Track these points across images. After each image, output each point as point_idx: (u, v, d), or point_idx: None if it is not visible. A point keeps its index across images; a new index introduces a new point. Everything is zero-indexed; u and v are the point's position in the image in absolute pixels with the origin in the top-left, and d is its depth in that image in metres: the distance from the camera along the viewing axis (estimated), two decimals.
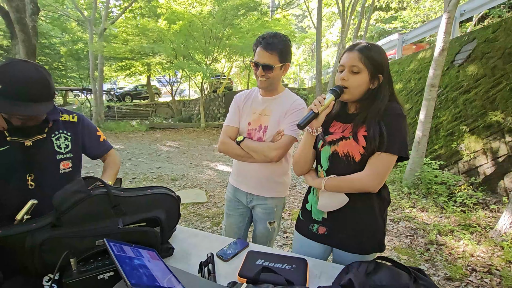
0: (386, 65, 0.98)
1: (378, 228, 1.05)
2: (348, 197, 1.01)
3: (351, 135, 0.98)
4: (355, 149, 0.97)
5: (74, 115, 1.25)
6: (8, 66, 0.97)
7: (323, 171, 1.07)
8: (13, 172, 1.08)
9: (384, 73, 0.98)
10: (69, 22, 14.09)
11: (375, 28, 18.72)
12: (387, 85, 0.99)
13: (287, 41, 1.27)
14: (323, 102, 0.95)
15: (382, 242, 1.07)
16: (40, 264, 0.87)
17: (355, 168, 0.98)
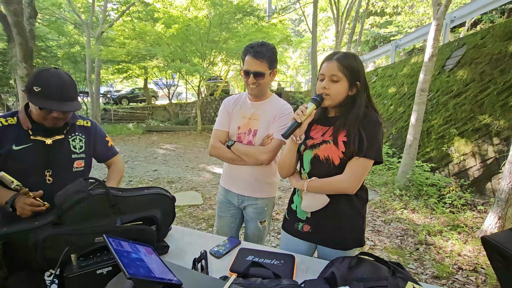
0: (363, 72, 1.06)
1: (358, 226, 1.12)
2: (329, 197, 1.08)
3: (331, 139, 1.06)
4: (335, 153, 1.04)
5: (88, 121, 1.37)
6: (42, 72, 1.12)
7: (305, 173, 1.14)
8: (33, 167, 1.19)
9: (361, 80, 1.05)
10: (66, 25, 14.10)
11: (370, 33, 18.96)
12: (364, 91, 1.07)
13: (274, 49, 1.35)
14: (305, 111, 1.02)
15: (362, 238, 1.14)
16: (42, 260, 0.93)
17: (334, 171, 1.05)
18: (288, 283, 0.87)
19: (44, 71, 1.13)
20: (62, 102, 1.12)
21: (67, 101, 1.13)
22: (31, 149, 1.19)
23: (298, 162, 1.21)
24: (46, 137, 1.21)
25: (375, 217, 3.27)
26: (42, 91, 1.09)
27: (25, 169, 1.18)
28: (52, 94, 1.10)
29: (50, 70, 1.14)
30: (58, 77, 1.12)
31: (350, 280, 0.93)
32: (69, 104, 1.14)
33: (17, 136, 1.18)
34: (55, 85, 1.11)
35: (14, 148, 1.17)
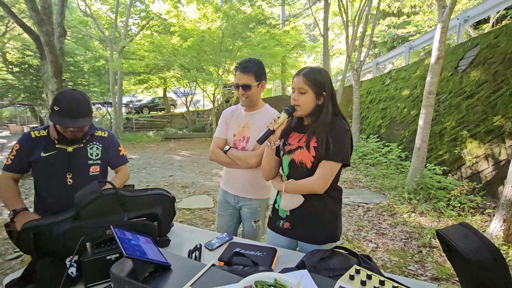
0: (328, 84, 1.20)
1: (331, 223, 1.24)
2: (304, 197, 1.21)
3: (304, 145, 1.20)
4: (307, 158, 1.18)
5: (106, 132, 1.61)
6: (61, 93, 1.36)
7: (284, 176, 1.28)
8: (57, 171, 1.42)
9: (327, 91, 1.19)
10: (92, 41, 15.12)
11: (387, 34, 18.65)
12: (330, 101, 1.20)
13: (260, 63, 1.52)
14: (278, 120, 1.17)
15: (336, 234, 1.25)
16: (64, 248, 1.13)
17: (308, 173, 1.18)
18: (263, 269, 1.02)
19: (62, 92, 1.36)
20: (74, 118, 1.34)
21: (78, 117, 1.35)
22: (56, 155, 1.43)
23: (280, 166, 1.35)
24: (68, 146, 1.45)
25: (381, 220, 3.30)
26: (59, 110, 1.32)
27: (50, 172, 1.42)
28: (66, 112, 1.32)
29: (67, 91, 1.37)
30: (72, 98, 1.34)
31: (321, 270, 1.06)
32: (80, 121, 1.36)
33: (45, 145, 1.43)
34: (69, 105, 1.33)
35: (42, 155, 1.41)
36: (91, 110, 1.46)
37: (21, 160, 1.41)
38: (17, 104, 15.76)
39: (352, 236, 2.94)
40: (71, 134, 1.42)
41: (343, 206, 3.78)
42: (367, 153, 6.46)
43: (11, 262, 2.54)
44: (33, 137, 1.43)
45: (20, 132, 17.49)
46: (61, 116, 1.33)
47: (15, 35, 14.38)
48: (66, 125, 1.34)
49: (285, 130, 1.34)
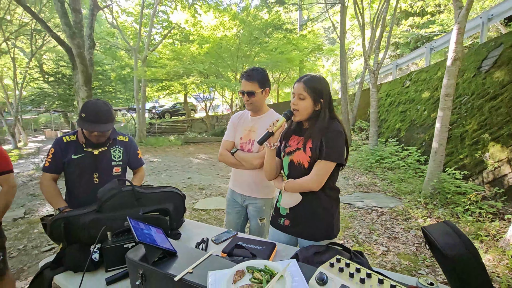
0: (326, 91, 1.28)
1: (327, 221, 1.31)
2: (302, 196, 1.30)
3: (302, 146, 1.29)
4: (304, 158, 1.27)
5: (126, 136, 1.81)
6: (88, 102, 1.58)
7: (285, 176, 1.38)
8: (85, 171, 1.63)
9: (324, 98, 1.27)
10: (118, 51, 16.02)
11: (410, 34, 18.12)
12: (327, 107, 1.28)
13: (263, 72, 1.63)
14: (277, 123, 1.27)
15: (332, 232, 1.32)
16: (88, 236, 1.30)
17: (305, 173, 1.27)
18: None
19: (89, 101, 1.58)
20: (98, 124, 1.53)
21: (101, 123, 1.54)
22: (84, 157, 1.62)
23: (281, 167, 1.45)
24: (94, 149, 1.65)
25: (394, 225, 3.26)
26: (85, 116, 1.52)
27: (79, 172, 1.62)
28: (91, 119, 1.52)
29: (93, 100, 1.58)
30: (96, 106, 1.54)
31: (313, 263, 1.14)
32: (103, 126, 1.55)
33: (75, 148, 1.62)
34: (94, 112, 1.52)
35: (73, 157, 1.61)
36: (113, 117, 1.65)
37: (56, 162, 1.62)
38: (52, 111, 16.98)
39: (363, 239, 2.94)
40: (95, 138, 1.61)
41: (356, 209, 3.78)
42: (384, 157, 6.33)
43: (45, 254, 2.82)
44: (65, 142, 1.64)
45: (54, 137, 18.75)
46: (87, 122, 1.52)
47: (51, 47, 15.55)
48: (91, 130, 1.53)
49: (286, 133, 1.44)
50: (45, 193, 1.60)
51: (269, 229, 1.54)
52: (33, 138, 18.30)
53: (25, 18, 13.70)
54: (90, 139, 1.62)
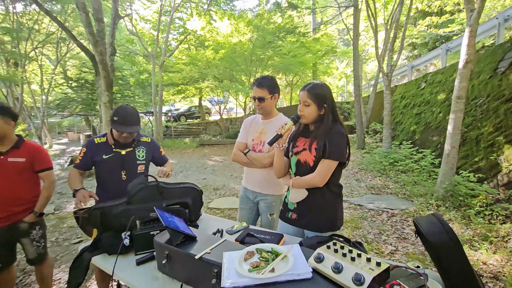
0: (329, 97, 1.42)
1: (331, 214, 1.44)
2: (308, 192, 1.44)
3: (308, 147, 1.43)
4: (310, 158, 1.41)
5: (149, 138, 2.02)
6: (119, 108, 1.79)
7: (292, 173, 1.52)
8: (114, 169, 1.84)
9: (327, 103, 1.41)
10: (136, 57, 16.68)
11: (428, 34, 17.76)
12: (330, 111, 1.42)
13: (273, 79, 1.80)
14: (285, 127, 1.43)
15: (335, 224, 1.44)
16: (120, 224, 1.49)
17: (310, 171, 1.41)
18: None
19: (120, 106, 1.79)
20: (128, 126, 1.75)
21: (131, 125, 1.76)
22: (113, 157, 1.84)
23: (289, 166, 1.60)
24: (122, 149, 1.86)
25: (404, 226, 3.31)
26: (118, 120, 1.74)
27: (110, 170, 1.83)
28: (122, 121, 1.74)
29: (122, 106, 1.79)
30: (125, 111, 1.76)
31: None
32: (132, 128, 1.78)
33: (105, 149, 1.84)
34: (125, 116, 1.74)
35: (103, 157, 1.83)
36: (140, 120, 1.86)
37: (86, 160, 1.84)
38: (75, 114, 17.85)
39: (372, 239, 3.02)
40: (124, 139, 1.82)
41: (366, 211, 3.85)
42: (398, 160, 6.30)
43: (75, 245, 3.08)
44: (96, 143, 1.86)
45: (77, 139, 19.70)
46: (119, 124, 1.74)
47: (74, 54, 16.40)
48: (123, 131, 1.74)
49: (294, 135, 1.59)
50: (69, 179, 1.78)
51: (278, 223, 1.68)
52: (57, 140, 19.31)
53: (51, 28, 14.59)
54: (119, 140, 1.83)
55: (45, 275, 2.02)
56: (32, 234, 1.88)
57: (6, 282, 1.94)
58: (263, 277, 0.88)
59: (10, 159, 1.81)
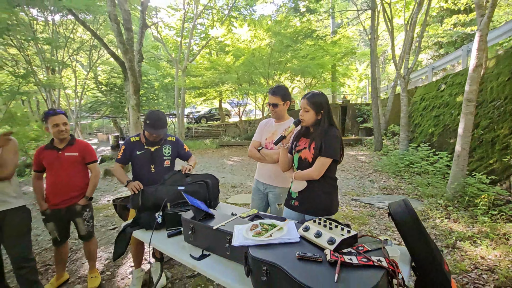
0: (325, 104, 1.69)
1: (326, 202, 1.70)
2: (307, 183, 1.72)
3: (307, 146, 1.72)
4: (309, 155, 1.70)
5: (174, 137, 2.38)
6: (151, 113, 2.15)
7: (295, 168, 1.81)
8: (146, 163, 2.20)
9: (324, 109, 1.69)
10: (161, 62, 17.58)
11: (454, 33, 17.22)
12: (326, 116, 1.69)
13: (286, 89, 2.11)
14: (288, 129, 1.72)
15: (330, 210, 1.71)
16: (155, 205, 1.86)
17: (309, 166, 1.69)
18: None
19: (151, 112, 2.15)
20: (157, 129, 2.10)
21: (160, 128, 2.12)
22: (145, 153, 2.21)
23: (292, 162, 1.89)
24: (152, 147, 2.23)
25: None
26: (149, 123, 2.10)
27: (142, 163, 2.20)
28: (153, 124, 2.10)
29: (153, 111, 2.15)
30: (156, 115, 2.12)
31: None
32: (160, 130, 2.13)
33: (139, 146, 2.22)
34: (155, 120, 2.10)
35: (137, 153, 2.21)
36: (167, 123, 2.24)
37: (125, 156, 2.23)
38: (105, 116, 19.08)
39: (377, 234, 3.21)
40: (153, 138, 2.20)
41: (376, 209, 4.03)
42: (414, 162, 6.34)
43: (110, 231, 3.55)
44: (132, 141, 2.25)
45: (106, 140, 21.02)
46: (150, 127, 2.11)
47: (104, 60, 17.59)
48: (152, 133, 2.12)
49: (297, 135, 1.88)
50: (116, 174, 2.18)
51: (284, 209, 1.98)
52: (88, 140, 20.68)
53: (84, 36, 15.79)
54: (150, 139, 2.21)
55: (92, 250, 2.45)
56: (83, 214, 2.32)
57: (61, 254, 2.39)
58: (262, 240, 1.19)
59: (66, 154, 2.25)
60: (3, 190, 1.90)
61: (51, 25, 13.98)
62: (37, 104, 20.98)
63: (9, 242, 1.90)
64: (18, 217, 1.95)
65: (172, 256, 1.55)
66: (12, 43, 11.76)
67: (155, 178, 2.12)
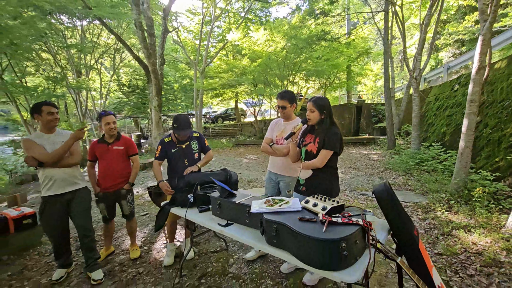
0: (327, 106, 2.07)
1: (327, 187, 2.08)
2: (313, 171, 2.11)
3: (312, 141, 2.11)
4: (314, 148, 2.08)
5: (198, 133, 2.81)
6: (178, 116, 2.60)
7: (303, 159, 2.21)
8: (179, 158, 2.67)
9: (326, 110, 2.07)
10: (179, 64, 18.33)
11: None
12: (328, 116, 2.07)
13: (292, 93, 2.50)
14: (296, 127, 2.12)
15: (331, 193, 2.08)
16: (187, 187, 2.32)
17: (314, 157, 2.08)
18: None
19: (178, 116, 2.60)
20: (182, 130, 2.55)
21: (185, 129, 2.56)
22: (178, 150, 2.68)
23: (300, 154, 2.28)
24: (182, 144, 2.69)
25: (413, 215, 3.75)
26: (177, 126, 2.55)
27: (176, 159, 2.67)
28: (178, 127, 2.54)
29: (181, 116, 2.60)
30: (182, 119, 2.56)
31: None
32: (187, 131, 2.58)
33: (172, 145, 2.68)
34: (181, 123, 2.54)
35: (172, 151, 2.68)
36: (191, 123, 2.68)
37: (162, 154, 2.70)
38: (127, 116, 20.12)
39: None
40: (181, 138, 2.66)
41: None
42: (424, 160, 6.51)
43: (143, 217, 4.07)
44: (166, 141, 2.72)
45: None
46: (177, 129, 2.56)
47: (126, 62, 18.56)
48: (180, 134, 2.58)
49: (304, 132, 2.27)
50: (154, 170, 2.65)
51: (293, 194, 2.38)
52: None
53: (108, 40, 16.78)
54: (179, 138, 2.67)
55: (133, 228, 2.96)
56: (127, 197, 2.82)
57: (109, 230, 2.90)
58: (273, 208, 1.60)
59: (114, 147, 2.76)
60: (73, 173, 2.43)
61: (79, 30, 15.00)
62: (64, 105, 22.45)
63: (77, 215, 2.42)
64: (84, 195, 2.48)
65: (204, 225, 2.00)
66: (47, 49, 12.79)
67: (187, 167, 2.60)
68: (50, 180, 2.33)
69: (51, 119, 2.35)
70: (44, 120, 2.32)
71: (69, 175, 2.41)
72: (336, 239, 1.24)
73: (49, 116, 2.34)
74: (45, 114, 2.32)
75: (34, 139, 2.29)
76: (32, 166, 2.26)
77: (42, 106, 2.31)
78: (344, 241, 1.24)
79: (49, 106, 2.34)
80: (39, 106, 2.31)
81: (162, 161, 2.74)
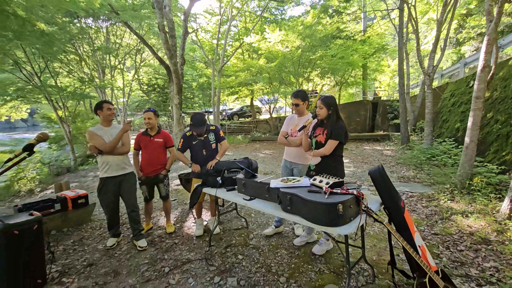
0: (333, 104, 2.48)
1: (333, 171, 2.48)
2: (321, 158, 2.53)
3: (321, 133, 2.52)
4: (322, 139, 2.50)
5: (214, 126, 3.26)
6: (194, 115, 3.07)
7: (314, 148, 2.63)
8: (200, 149, 3.15)
9: (333, 107, 2.47)
10: (197, 63, 19.00)
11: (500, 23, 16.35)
12: (334, 112, 2.48)
13: (304, 92, 2.91)
14: (308, 121, 2.54)
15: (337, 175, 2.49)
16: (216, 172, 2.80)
17: (322, 146, 2.49)
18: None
19: (195, 114, 3.06)
20: (199, 127, 3.00)
21: (201, 126, 3.01)
22: (198, 142, 3.15)
23: (312, 144, 2.70)
24: (201, 137, 3.15)
25: (417, 203, 4.07)
26: (192, 124, 3.01)
27: (197, 149, 3.15)
28: (195, 124, 3.00)
29: (197, 115, 3.05)
30: (198, 117, 3.00)
31: None
32: (201, 128, 3.01)
33: (193, 138, 3.16)
34: (196, 120, 3.00)
35: (193, 143, 3.16)
36: (205, 121, 3.12)
37: (184, 146, 3.19)
38: None
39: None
40: (198, 133, 3.11)
41: None
42: (435, 155, 6.71)
43: (172, 202, 4.63)
44: (188, 135, 3.20)
45: None
46: (193, 126, 3.02)
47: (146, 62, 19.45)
48: (195, 131, 3.04)
49: (315, 126, 2.69)
50: (181, 158, 3.15)
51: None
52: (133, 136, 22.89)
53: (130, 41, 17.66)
54: (196, 133, 3.15)
55: (168, 207, 3.49)
56: (164, 181, 3.35)
57: (149, 208, 3.45)
58: (288, 184, 2.05)
59: (156, 139, 3.29)
60: (124, 160, 2.98)
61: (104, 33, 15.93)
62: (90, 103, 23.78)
63: (126, 194, 2.97)
64: (132, 178, 3.03)
65: (232, 200, 2.47)
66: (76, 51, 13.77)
67: (208, 158, 3.07)
68: (107, 165, 2.89)
69: (110, 113, 2.92)
70: (105, 114, 2.88)
71: (120, 161, 2.96)
72: (334, 203, 1.67)
73: (108, 111, 2.89)
74: (105, 109, 2.87)
75: (96, 131, 2.85)
76: (94, 153, 2.82)
77: (103, 103, 2.88)
78: (341, 204, 1.66)
79: (108, 104, 2.91)
80: (101, 104, 2.88)
81: (183, 152, 3.22)
